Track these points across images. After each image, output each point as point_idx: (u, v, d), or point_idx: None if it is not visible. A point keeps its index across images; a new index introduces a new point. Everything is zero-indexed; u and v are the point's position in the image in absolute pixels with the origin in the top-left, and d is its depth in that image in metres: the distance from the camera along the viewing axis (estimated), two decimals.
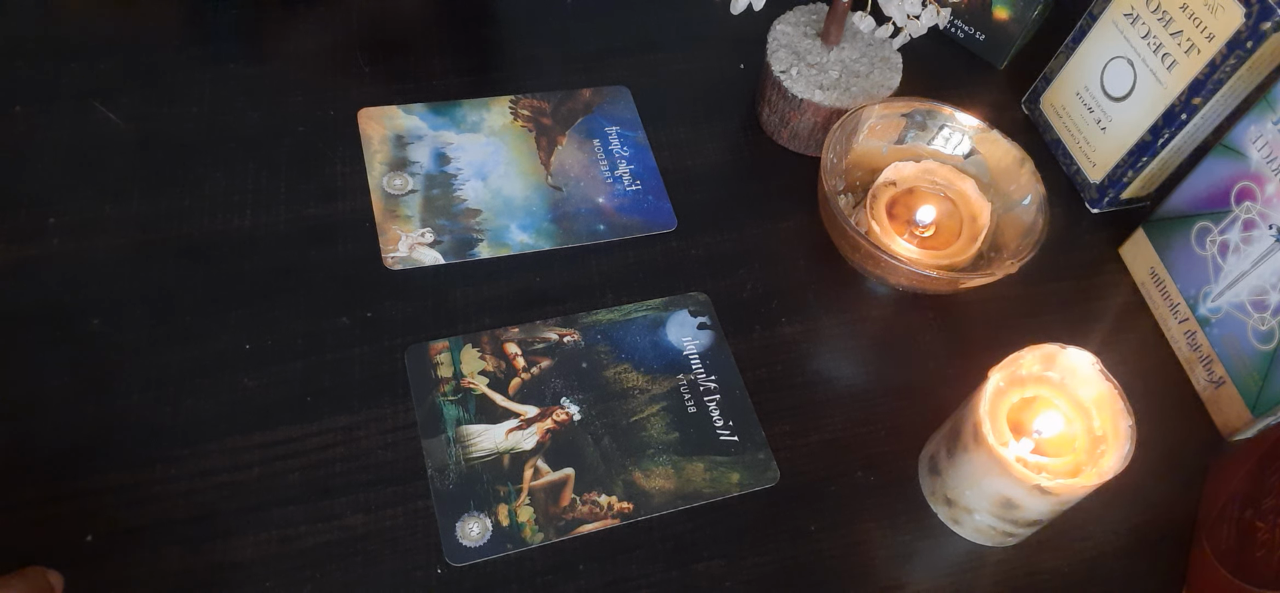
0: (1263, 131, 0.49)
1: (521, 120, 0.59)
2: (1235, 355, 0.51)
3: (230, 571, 0.41)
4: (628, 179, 0.57)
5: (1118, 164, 0.58)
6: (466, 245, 0.53)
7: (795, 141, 0.60)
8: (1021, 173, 0.54)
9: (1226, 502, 0.47)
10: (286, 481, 0.44)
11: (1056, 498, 0.42)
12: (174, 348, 0.47)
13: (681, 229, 0.56)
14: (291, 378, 0.47)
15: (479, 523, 0.44)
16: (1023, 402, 0.45)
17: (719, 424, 0.48)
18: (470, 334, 0.50)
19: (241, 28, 0.60)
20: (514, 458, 0.46)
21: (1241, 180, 0.50)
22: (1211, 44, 0.52)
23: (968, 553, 0.47)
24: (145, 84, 0.56)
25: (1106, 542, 0.48)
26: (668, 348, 0.51)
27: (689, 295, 0.53)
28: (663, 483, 0.46)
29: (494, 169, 0.56)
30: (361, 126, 0.56)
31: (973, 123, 0.56)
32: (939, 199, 0.55)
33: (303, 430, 0.46)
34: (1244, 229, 0.50)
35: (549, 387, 0.48)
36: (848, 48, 0.59)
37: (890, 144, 0.57)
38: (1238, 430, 0.52)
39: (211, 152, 0.54)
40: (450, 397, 0.47)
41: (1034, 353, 0.45)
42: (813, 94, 0.57)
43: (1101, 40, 0.58)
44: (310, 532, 0.43)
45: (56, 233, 0.50)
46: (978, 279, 0.50)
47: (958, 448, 0.44)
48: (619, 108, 0.61)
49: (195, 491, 0.43)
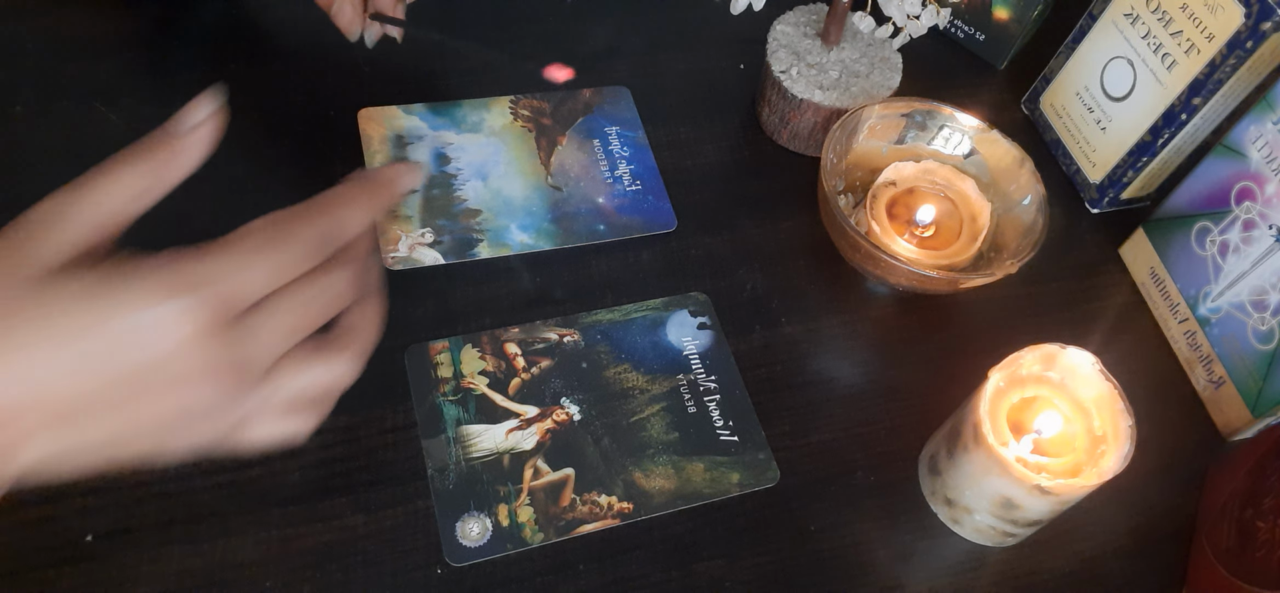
0: (1263, 131, 0.49)
1: (521, 120, 0.59)
2: (1235, 355, 0.51)
3: (230, 571, 0.41)
4: (628, 179, 0.57)
5: (1118, 164, 0.58)
6: (467, 245, 0.53)
7: (795, 142, 0.60)
8: (1021, 173, 0.54)
9: (1226, 502, 0.47)
10: (286, 481, 0.44)
11: (1056, 498, 0.42)
12: None
13: (681, 229, 0.56)
14: None
15: (479, 523, 0.44)
16: (1023, 402, 0.45)
17: (719, 424, 0.48)
18: (470, 334, 0.50)
19: (242, 27, 0.60)
20: (514, 458, 0.46)
21: (1241, 180, 0.50)
22: (1211, 44, 0.52)
23: (968, 553, 0.47)
24: (145, 84, 0.56)
25: (1106, 542, 0.48)
26: (668, 348, 0.51)
27: (689, 295, 0.53)
28: (663, 483, 0.46)
29: (494, 169, 0.56)
30: (361, 127, 0.56)
31: (973, 123, 0.56)
32: (939, 199, 0.55)
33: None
34: (1244, 229, 0.50)
35: (549, 387, 0.48)
36: (848, 48, 0.59)
37: (890, 144, 0.57)
38: (1238, 430, 0.52)
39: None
40: (450, 397, 0.47)
41: (1034, 353, 0.45)
42: (813, 94, 0.57)
43: (1101, 40, 0.58)
44: (310, 532, 0.43)
45: None
46: (978, 279, 0.50)
47: (958, 448, 0.44)
48: (619, 108, 0.61)
49: (195, 491, 0.43)
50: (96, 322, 0.28)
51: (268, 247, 0.31)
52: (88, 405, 0.29)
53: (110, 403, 0.29)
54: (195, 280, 0.29)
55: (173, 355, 0.29)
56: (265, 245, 0.31)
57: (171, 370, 0.29)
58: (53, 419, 0.29)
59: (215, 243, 0.30)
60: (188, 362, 0.29)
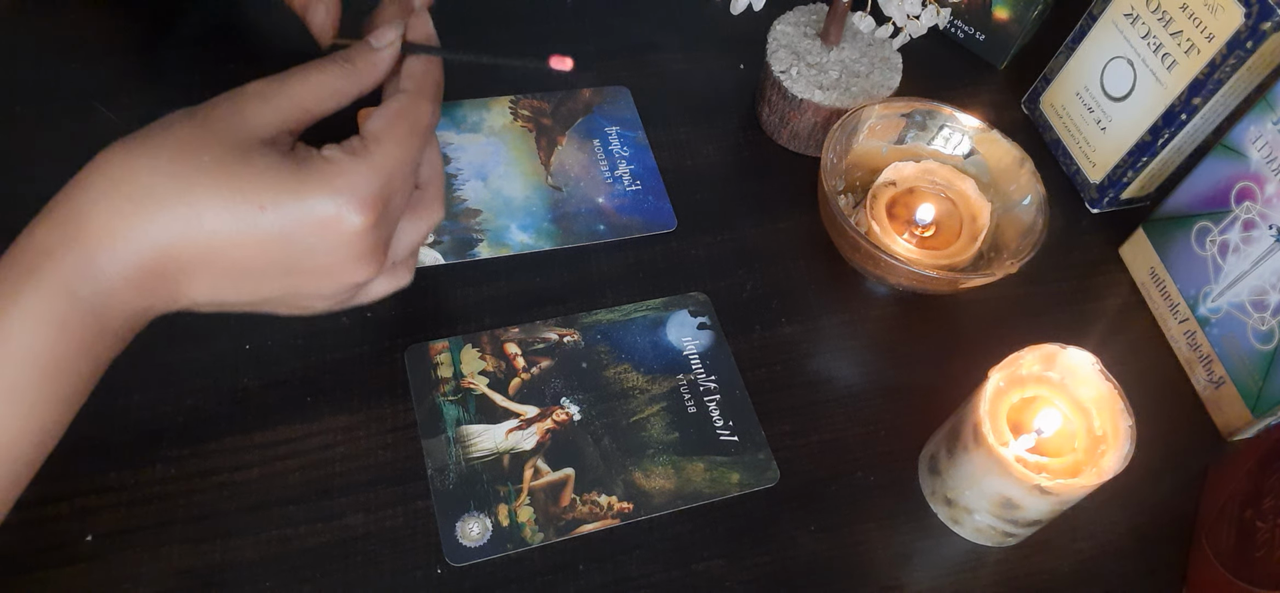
0: (1263, 131, 0.49)
1: (521, 120, 0.59)
2: (1235, 355, 0.51)
3: (230, 571, 0.41)
4: (628, 179, 0.57)
5: (1118, 164, 0.58)
6: (466, 245, 0.53)
7: (795, 142, 0.60)
8: (1021, 173, 0.54)
9: (1226, 502, 0.47)
10: (286, 481, 0.44)
11: (1056, 498, 0.42)
12: (174, 348, 0.47)
13: (681, 229, 0.56)
14: (291, 378, 0.47)
15: (479, 523, 0.44)
16: (1023, 402, 0.45)
17: (719, 424, 0.48)
18: (470, 334, 0.50)
19: (241, 28, 0.60)
20: (514, 458, 0.46)
21: (1241, 180, 0.50)
22: (1211, 44, 0.52)
23: (968, 553, 0.47)
24: (145, 84, 0.56)
25: (1106, 542, 0.48)
26: (667, 348, 0.51)
27: (689, 295, 0.53)
28: (663, 483, 0.46)
29: (494, 169, 0.56)
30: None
31: (973, 123, 0.56)
32: (939, 199, 0.55)
33: (303, 430, 0.46)
34: (1244, 229, 0.50)
35: (549, 387, 0.48)
36: (848, 48, 0.59)
37: (890, 144, 0.57)
38: (1238, 430, 0.52)
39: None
40: (450, 397, 0.47)
41: (1034, 353, 0.45)
42: (813, 94, 0.57)
43: (1101, 40, 0.58)
44: (310, 532, 0.43)
45: None
46: (978, 279, 0.50)
47: (958, 448, 0.44)
48: (619, 108, 0.61)
49: (195, 491, 0.43)
50: (282, 198, 0.33)
51: (405, 152, 0.36)
52: (257, 269, 0.34)
53: (276, 271, 0.34)
54: (359, 183, 0.34)
55: (338, 243, 0.34)
56: (403, 152, 0.36)
57: (335, 254, 0.35)
58: (222, 272, 0.34)
59: (365, 144, 0.35)
60: (350, 249, 0.35)
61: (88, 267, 0.31)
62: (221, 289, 0.34)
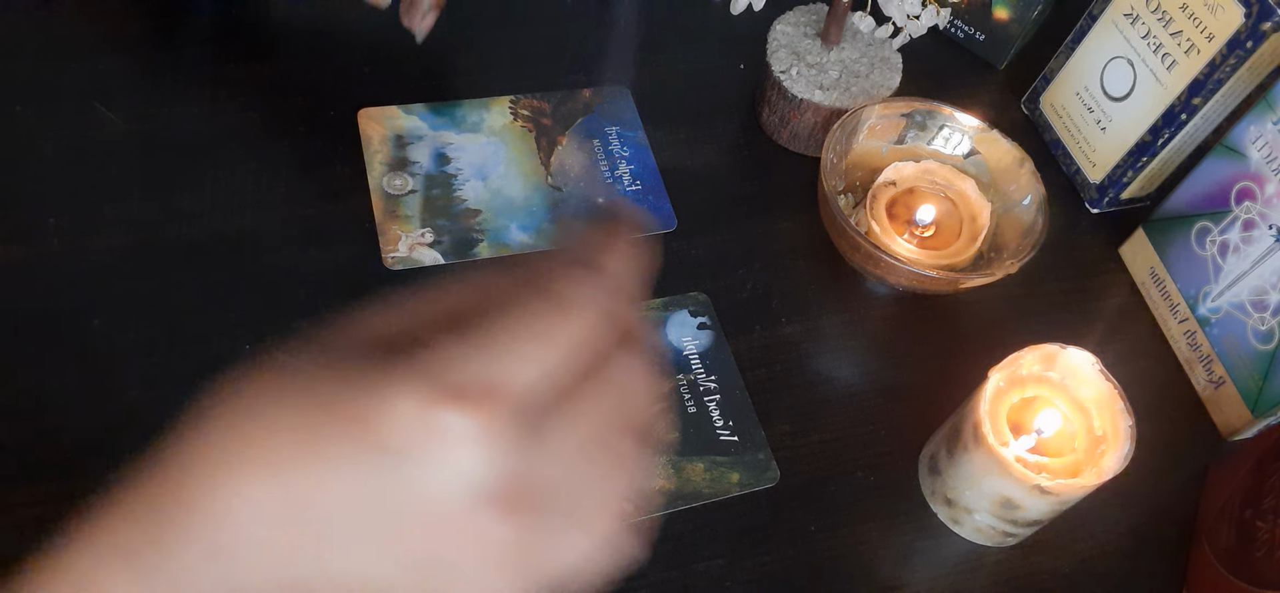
0: (1263, 131, 0.49)
1: (521, 120, 0.59)
2: (1235, 355, 0.51)
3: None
4: (628, 179, 0.57)
5: (1118, 164, 0.58)
6: (467, 245, 0.53)
7: (795, 142, 0.60)
8: (1021, 173, 0.54)
9: (1226, 502, 0.47)
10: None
11: (1056, 498, 0.42)
12: (174, 348, 0.47)
13: (681, 229, 0.56)
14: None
15: None
16: (1023, 402, 0.45)
17: (719, 424, 0.48)
18: None
19: (242, 27, 0.60)
20: None
21: (1241, 180, 0.50)
22: (1211, 44, 0.52)
23: (968, 553, 0.47)
24: (145, 84, 0.56)
25: (1106, 542, 0.48)
26: (667, 348, 0.51)
27: (689, 295, 0.53)
28: (662, 483, 0.46)
29: (494, 169, 0.56)
30: (361, 127, 0.56)
31: (973, 123, 0.56)
32: (939, 199, 0.55)
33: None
34: (1244, 229, 0.50)
35: None
36: (848, 48, 0.59)
37: (890, 144, 0.57)
38: (1238, 431, 0.52)
39: (211, 152, 0.54)
40: None
41: (1034, 353, 0.45)
42: (813, 94, 0.57)
43: (1101, 40, 0.58)
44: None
45: (56, 233, 0.49)
46: (978, 279, 0.50)
47: (958, 448, 0.44)
48: (619, 108, 0.61)
49: None
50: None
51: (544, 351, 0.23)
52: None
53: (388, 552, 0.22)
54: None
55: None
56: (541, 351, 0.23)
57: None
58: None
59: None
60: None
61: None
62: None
